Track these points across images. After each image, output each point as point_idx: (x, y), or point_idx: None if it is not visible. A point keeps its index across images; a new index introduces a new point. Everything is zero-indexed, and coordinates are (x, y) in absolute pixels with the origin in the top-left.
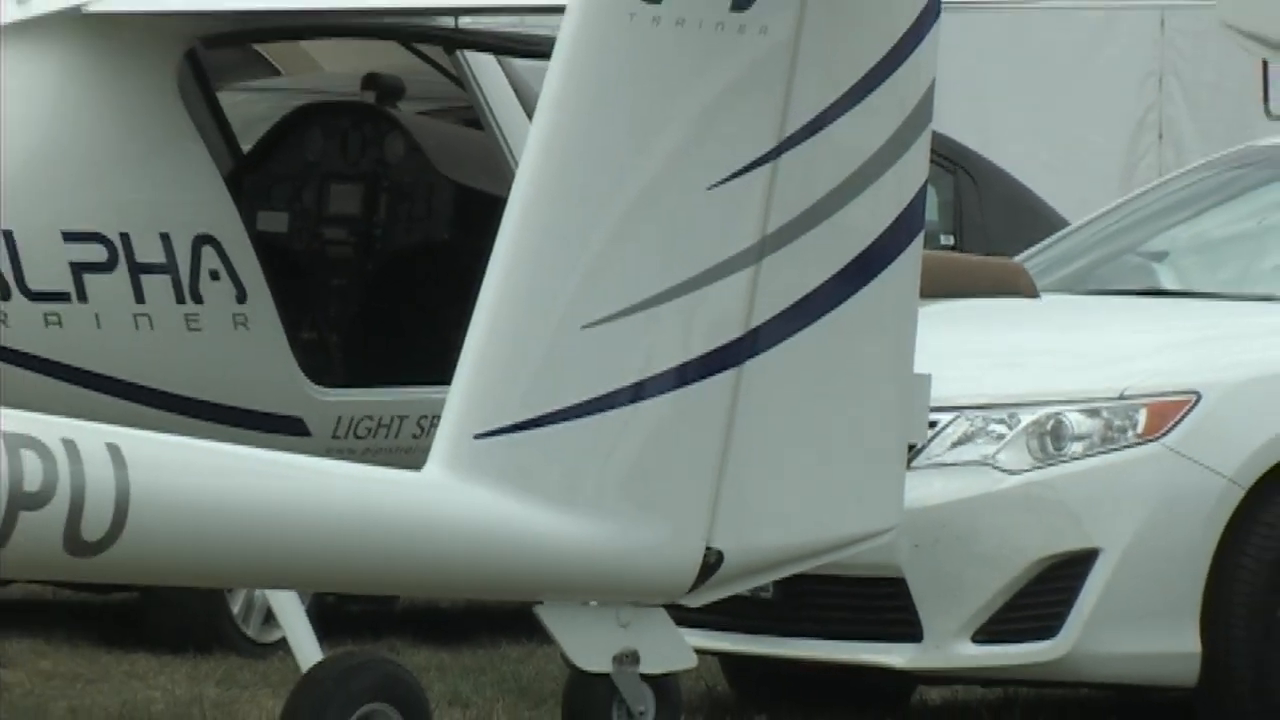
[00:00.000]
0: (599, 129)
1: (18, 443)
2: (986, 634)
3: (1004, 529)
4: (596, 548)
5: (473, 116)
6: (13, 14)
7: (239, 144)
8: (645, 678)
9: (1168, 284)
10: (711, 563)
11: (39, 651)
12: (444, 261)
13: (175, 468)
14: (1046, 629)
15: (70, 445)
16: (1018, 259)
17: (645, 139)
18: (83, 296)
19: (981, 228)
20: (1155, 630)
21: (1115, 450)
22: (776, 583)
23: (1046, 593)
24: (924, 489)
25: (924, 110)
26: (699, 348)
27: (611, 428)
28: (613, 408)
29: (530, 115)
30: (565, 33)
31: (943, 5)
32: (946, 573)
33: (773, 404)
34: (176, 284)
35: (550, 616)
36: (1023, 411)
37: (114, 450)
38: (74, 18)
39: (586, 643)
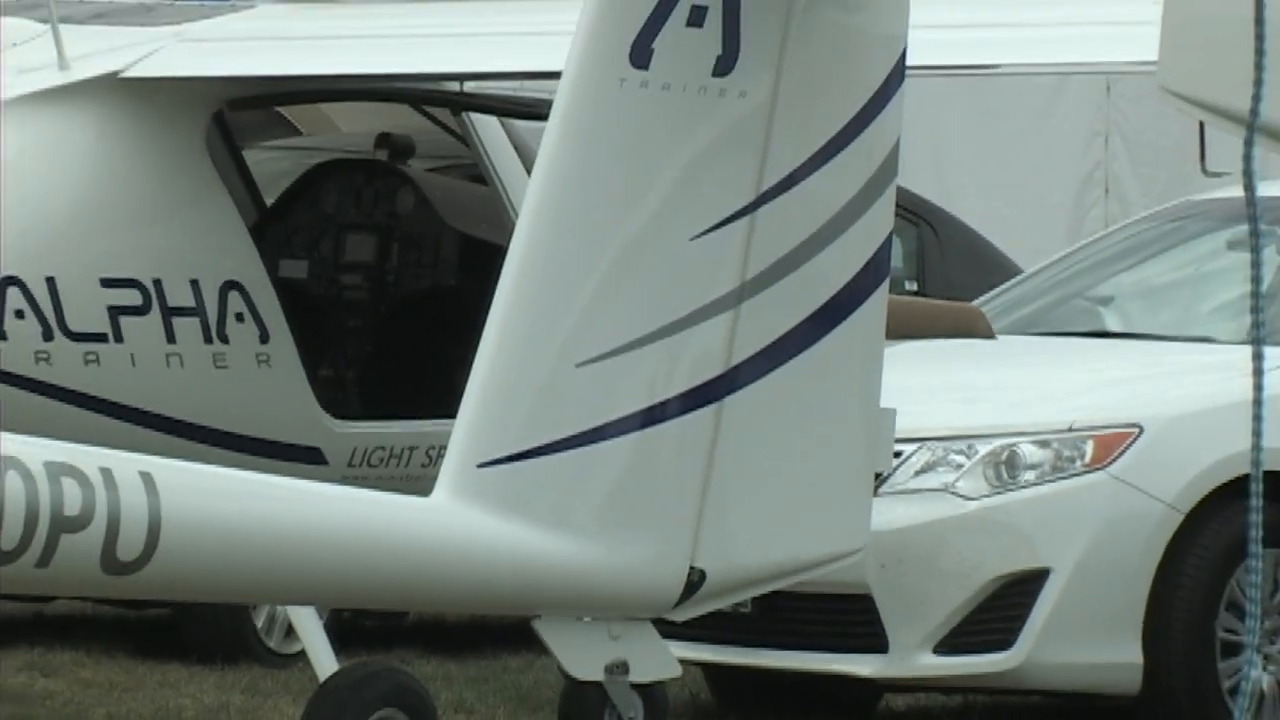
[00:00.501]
0: (591, 184)
1: (59, 471)
2: (947, 646)
3: (963, 550)
4: (589, 567)
5: (477, 172)
6: (55, 79)
7: (263, 198)
8: (635, 686)
9: (1113, 326)
10: (695, 581)
11: (79, 662)
12: (450, 305)
13: (203, 494)
14: (1002, 641)
15: (107, 473)
16: (976, 303)
17: (633, 193)
18: (119, 337)
19: (943, 275)
20: (1101, 643)
21: (1064, 478)
22: (755, 599)
23: (1002, 608)
24: (889, 513)
25: (889, 167)
26: (683, 384)
27: (603, 457)
28: (604, 439)
29: (529, 171)
30: (561, 96)
31: (906, 70)
32: (910, 590)
33: (750, 435)
34: (205, 325)
35: (547, 630)
36: (980, 443)
37: (147, 478)
38: (111, 82)
39: (580, 654)
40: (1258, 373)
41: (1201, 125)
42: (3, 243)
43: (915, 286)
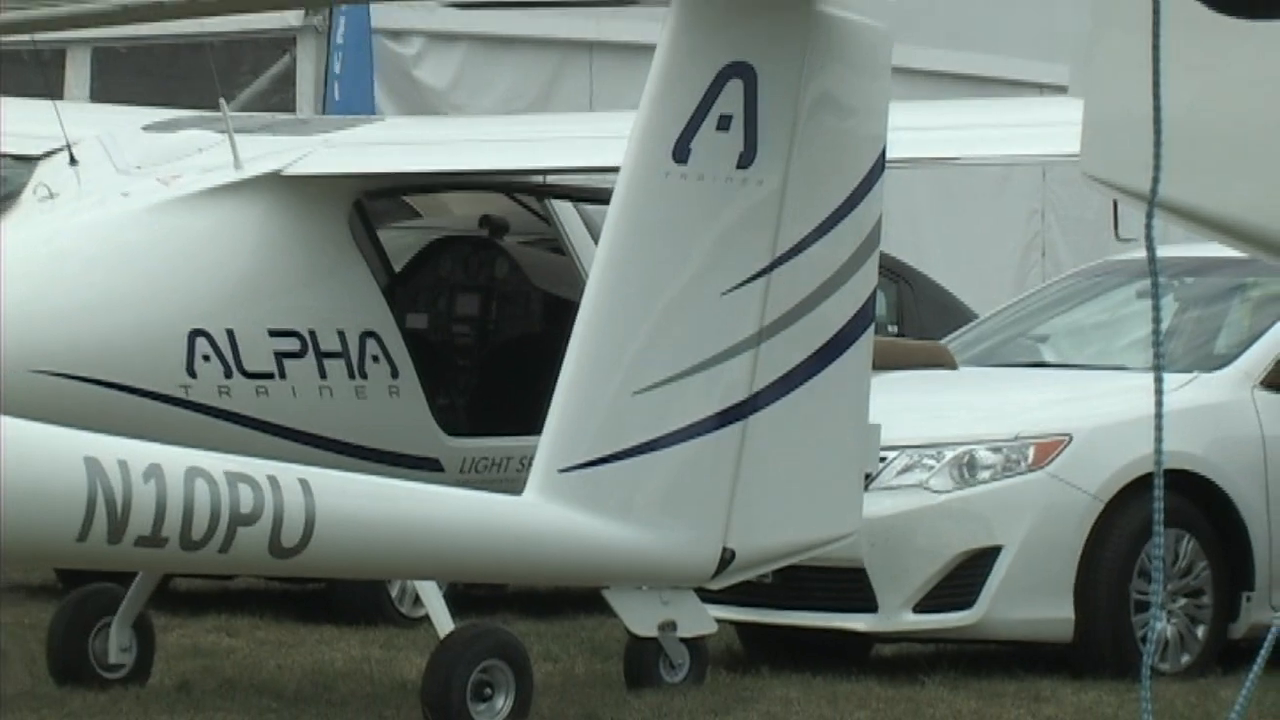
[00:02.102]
0: (643, 254)
1: (235, 478)
2: (923, 606)
3: (934, 532)
4: (645, 548)
5: (556, 244)
6: (232, 176)
7: (392, 266)
8: (682, 639)
9: (1049, 358)
10: (727, 558)
11: (255, 625)
12: (535, 347)
13: (347, 495)
14: (965, 602)
15: (273, 480)
16: (943, 342)
17: (676, 260)
18: (283, 375)
19: (917, 320)
20: (1042, 603)
21: (1012, 476)
22: (774, 571)
23: (965, 577)
24: (877, 505)
25: (874, 237)
26: (716, 406)
27: (655, 464)
28: (656, 450)
29: (596, 243)
30: (619, 185)
31: (886, 163)
32: (894, 563)
33: (769, 445)
34: (348, 365)
35: (614, 597)
36: (946, 449)
37: (304, 483)
38: (275, 179)
39: (639, 615)
40: (1159, 393)
41: (1115, 202)
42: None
43: (896, 329)
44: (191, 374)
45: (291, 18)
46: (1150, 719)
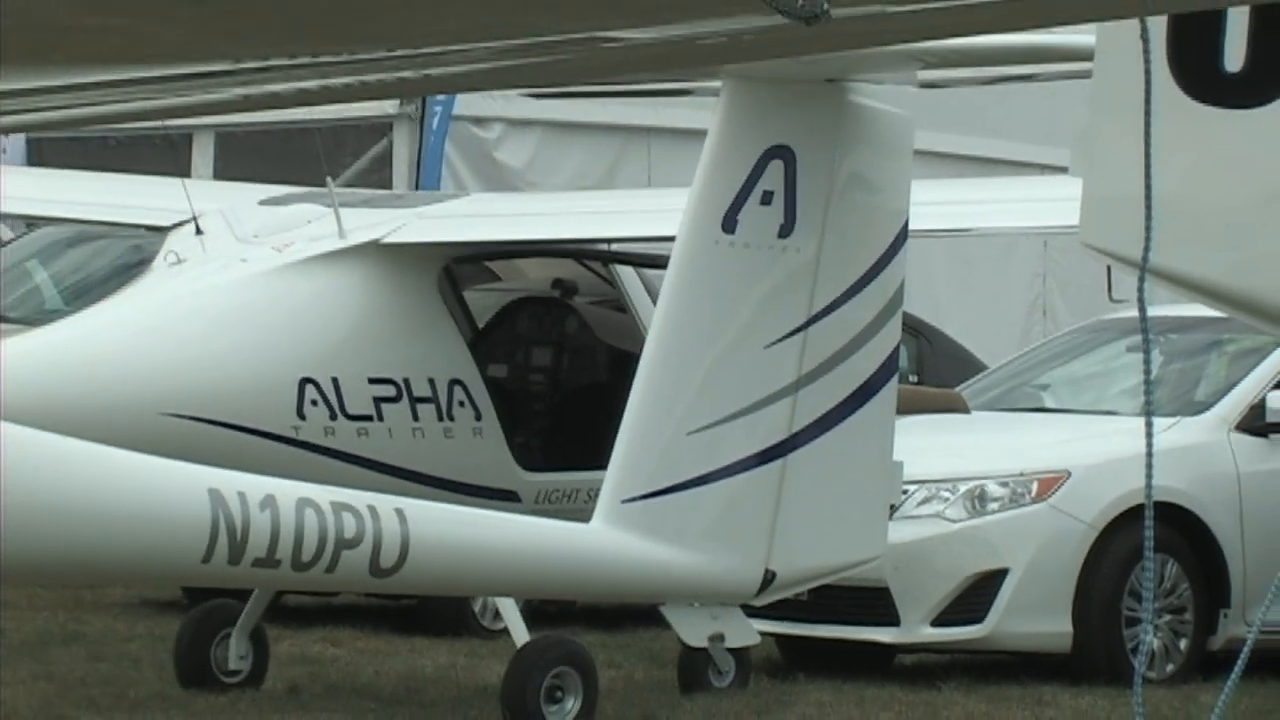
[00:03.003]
0: (696, 312)
1: (340, 508)
2: (940, 621)
3: (950, 556)
4: (698, 570)
5: (620, 304)
6: (338, 244)
7: (476, 323)
8: (729, 650)
9: (1050, 404)
10: (769, 578)
11: (355, 636)
12: (602, 394)
13: (438, 522)
14: (977, 618)
15: (372, 509)
16: (957, 389)
17: (725, 318)
18: (380, 418)
19: (934, 371)
20: (1044, 618)
21: (1018, 507)
22: (810, 590)
23: (976, 595)
24: (900, 532)
25: (898, 298)
26: (760, 445)
27: (707, 496)
28: (708, 484)
29: (654, 303)
30: (675, 252)
31: (908, 233)
32: (914, 583)
33: (806, 480)
34: (438, 409)
35: (670, 612)
36: (960, 484)
37: (400, 512)
38: (375, 246)
39: (692, 628)
40: (1149, 435)
41: (1109, 268)
42: (303, 352)
43: (916, 379)
44: (301, 416)
45: (389, 106)
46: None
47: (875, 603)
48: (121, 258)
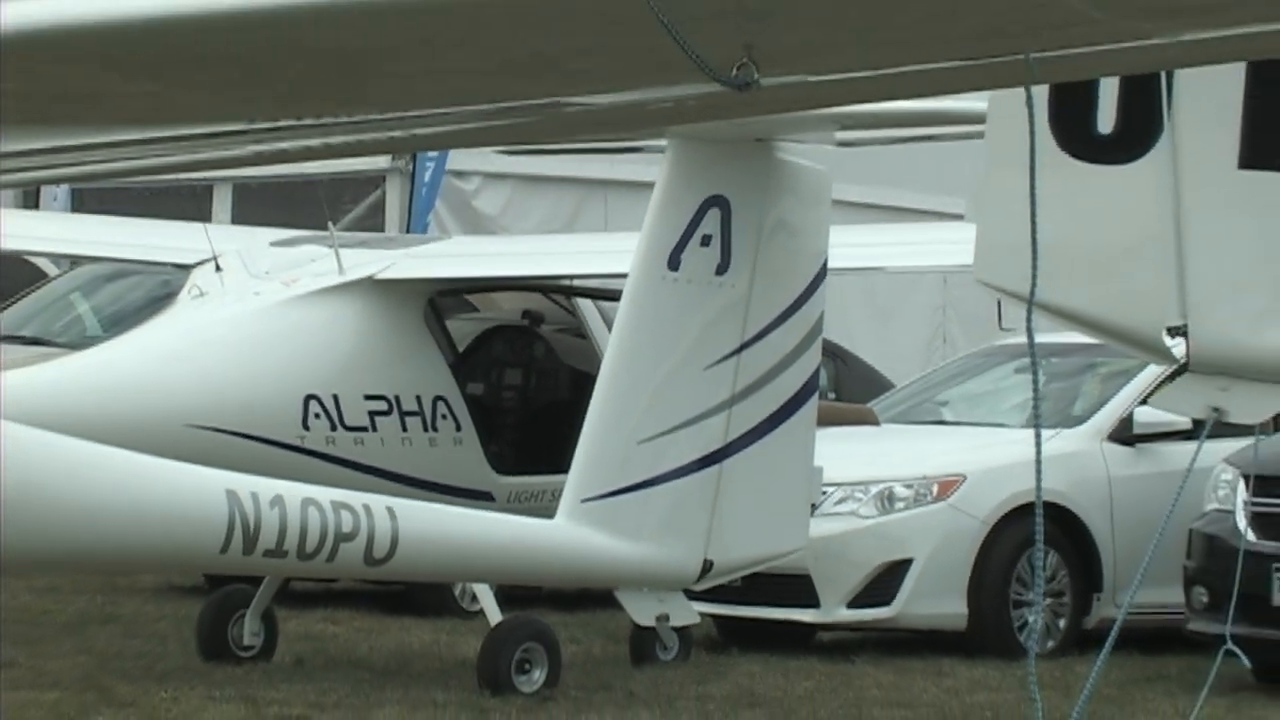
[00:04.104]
0: (645, 338)
1: (339, 506)
2: (855, 603)
3: (863, 548)
4: (646, 559)
5: (580, 331)
6: (337, 280)
7: (456, 347)
8: (673, 628)
9: (949, 418)
10: (707, 567)
11: (353, 616)
12: (564, 408)
13: (424, 519)
14: (886, 601)
15: (367, 507)
16: (869, 405)
17: (670, 343)
18: (374, 429)
19: (850, 389)
20: (943, 601)
21: (921, 506)
22: (743, 577)
23: (885, 581)
24: (820, 527)
25: (818, 327)
26: (700, 452)
27: (655, 496)
28: (655, 485)
29: (609, 330)
30: (627, 288)
31: (827, 270)
32: (832, 571)
33: (739, 482)
34: (424, 421)
35: (622, 596)
36: (872, 486)
37: (391, 510)
38: (370, 282)
39: (641, 610)
40: (1038, 444)
41: (999, 301)
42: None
43: (834, 396)
44: (306, 427)
45: (382, 161)
46: (1035, 687)
47: (798, 588)
48: (152, 291)
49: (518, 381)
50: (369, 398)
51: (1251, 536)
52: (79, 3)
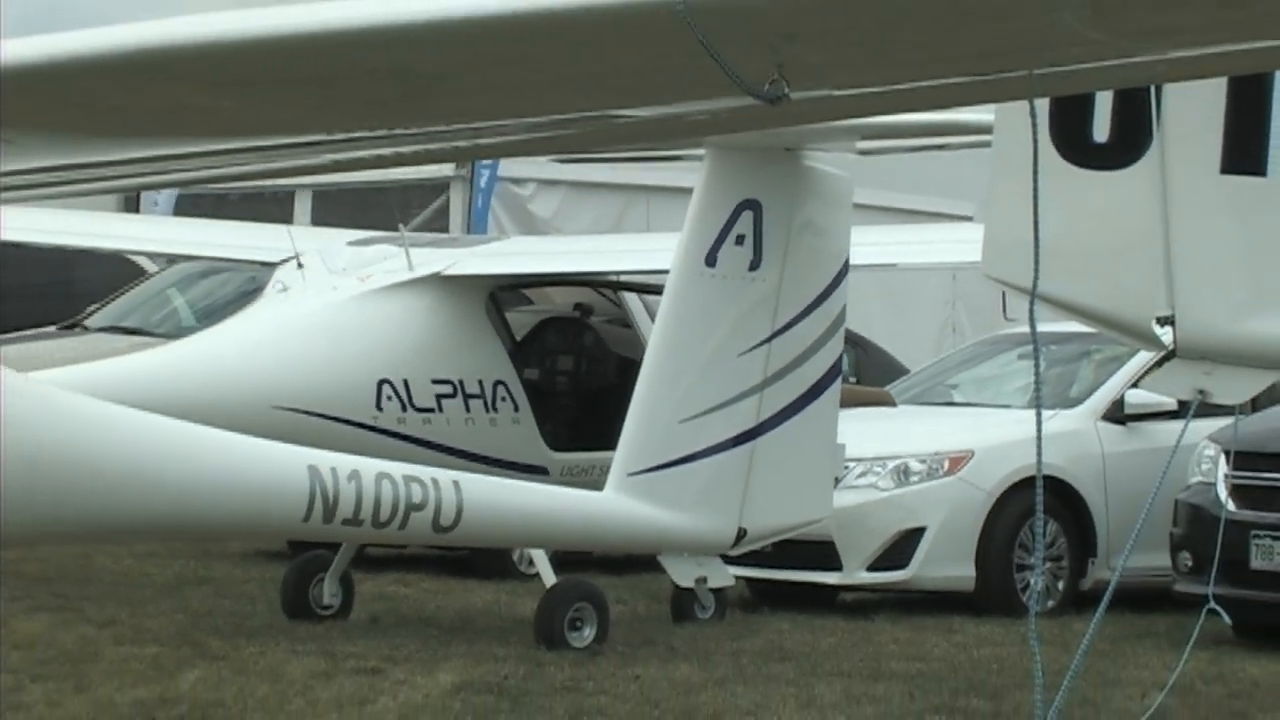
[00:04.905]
0: (685, 328)
1: (409, 479)
2: (874, 567)
3: (881, 517)
4: (687, 527)
5: (625, 322)
6: (407, 276)
7: (515, 336)
8: (710, 589)
9: (958, 400)
10: (741, 534)
11: (421, 579)
12: (612, 391)
13: (485, 491)
14: (902, 564)
15: (434, 480)
16: (886, 388)
17: (707, 333)
18: (441, 410)
19: (869, 374)
20: (953, 564)
21: (934, 480)
22: (773, 543)
23: (902, 547)
24: (842, 498)
25: (841, 317)
26: (735, 431)
27: (695, 470)
28: (695, 460)
29: (653, 321)
30: (669, 283)
31: (849, 267)
32: (853, 537)
33: (770, 458)
34: (485, 403)
35: (666, 561)
36: (889, 461)
37: (456, 483)
38: (437, 277)
39: (682, 573)
40: (1039, 423)
41: (1004, 294)
42: (379, 357)
43: (855, 380)
44: (379, 409)
45: (447, 169)
46: (1036, 642)
47: (823, 553)
48: (241, 286)
49: (570, 367)
50: (436, 382)
51: (1231, 507)
52: (175, 26)
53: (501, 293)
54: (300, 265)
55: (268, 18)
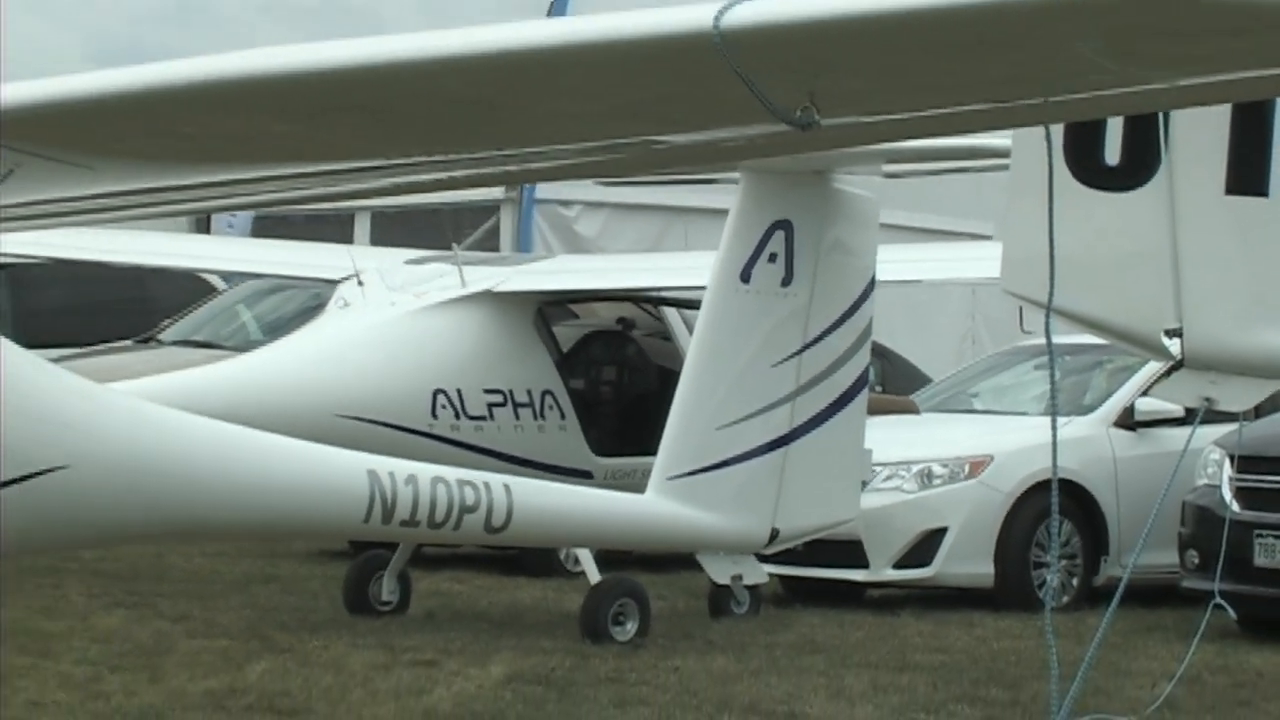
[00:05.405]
0: (721, 340)
1: (463, 483)
2: (899, 565)
3: (906, 518)
4: (723, 528)
5: (665, 335)
6: (460, 292)
7: (561, 348)
8: (745, 586)
9: (978, 407)
10: (774, 534)
11: (474, 576)
12: (652, 400)
13: (535, 492)
14: (925, 562)
15: (486, 484)
16: (910, 397)
17: (742, 345)
18: (492, 418)
19: (894, 383)
20: (973, 562)
21: (955, 482)
22: (805, 542)
23: (925, 546)
24: (869, 500)
25: (868, 330)
26: (769, 437)
27: (731, 474)
28: (731, 465)
29: (690, 334)
30: (706, 298)
31: (875, 282)
32: (880, 537)
33: (802, 463)
34: (534, 411)
35: (703, 559)
36: (913, 465)
37: (506, 486)
38: (488, 293)
39: (719, 570)
40: (1054, 429)
41: (1020, 308)
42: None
43: (881, 389)
44: (434, 417)
45: (497, 191)
46: (1051, 635)
47: (851, 551)
48: (305, 302)
49: (613, 377)
50: (487, 391)
51: (1236, 508)
52: (246, 59)
53: (549, 308)
54: (360, 283)
55: (332, 50)
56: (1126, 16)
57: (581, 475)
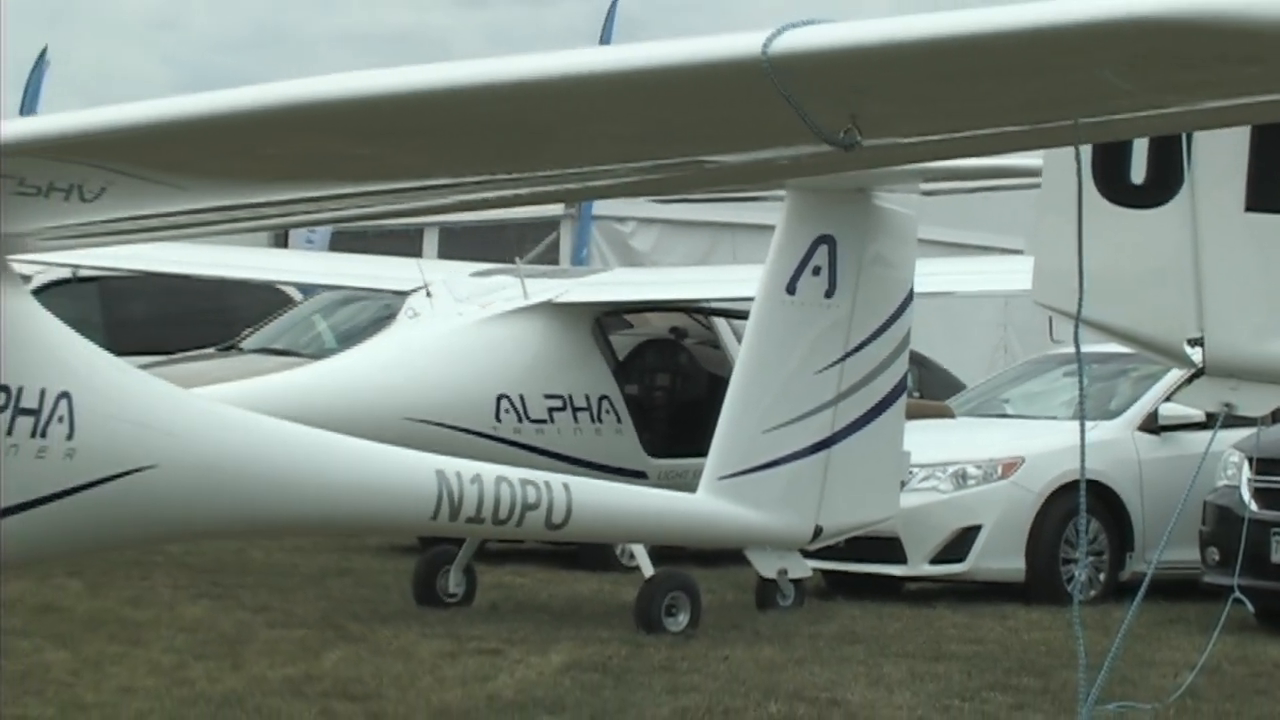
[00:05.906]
0: (768, 349)
1: (525, 482)
2: (936, 560)
3: (942, 516)
4: (770, 526)
5: (715, 343)
6: (522, 303)
7: (618, 356)
8: (791, 580)
9: (1010, 412)
10: (818, 531)
11: (535, 570)
12: (703, 405)
13: (592, 491)
14: (960, 557)
15: (547, 483)
16: (946, 402)
17: (788, 353)
18: (552, 421)
19: (931, 389)
20: (1006, 558)
21: (989, 483)
22: (846, 539)
23: (960, 542)
24: (908, 499)
25: (906, 340)
26: (812, 440)
27: (777, 475)
28: (777, 466)
29: (739, 343)
30: (754, 308)
31: (913, 294)
32: (917, 534)
33: (843, 464)
34: (591, 415)
35: (751, 554)
36: (949, 466)
37: (566, 485)
38: (549, 305)
39: (765, 565)
40: (1082, 433)
41: (1050, 318)
42: (497, 374)
43: (918, 395)
44: (498, 420)
45: (557, 208)
46: (1079, 627)
47: (890, 548)
48: (377, 313)
49: (666, 383)
50: (548, 396)
51: (1254, 507)
52: (322, 84)
53: (606, 318)
54: (429, 294)
55: (404, 75)
56: (1142, 45)
57: (636, 475)
